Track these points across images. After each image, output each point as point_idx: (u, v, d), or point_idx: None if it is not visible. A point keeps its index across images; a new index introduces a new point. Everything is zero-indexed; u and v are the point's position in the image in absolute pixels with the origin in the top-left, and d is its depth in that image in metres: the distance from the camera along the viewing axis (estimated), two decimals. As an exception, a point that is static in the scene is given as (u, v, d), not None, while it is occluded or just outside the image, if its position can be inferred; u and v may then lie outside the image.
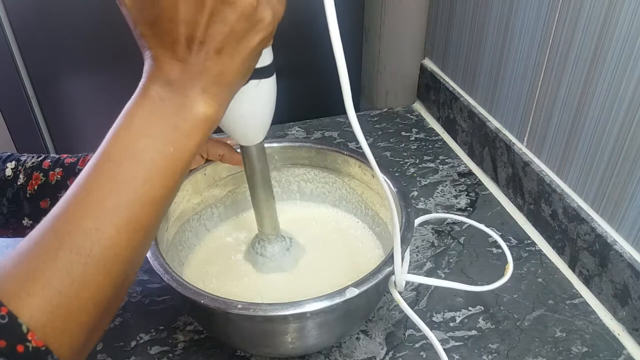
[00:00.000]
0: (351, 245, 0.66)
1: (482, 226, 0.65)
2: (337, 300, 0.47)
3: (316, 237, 0.67)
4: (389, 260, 0.51)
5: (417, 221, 0.63)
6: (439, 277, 0.68)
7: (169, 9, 0.33)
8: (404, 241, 0.52)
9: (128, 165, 0.34)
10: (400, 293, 0.54)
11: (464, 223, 0.77)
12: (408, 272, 0.54)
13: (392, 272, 0.52)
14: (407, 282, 0.54)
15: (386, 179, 0.50)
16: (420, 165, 0.89)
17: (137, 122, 0.35)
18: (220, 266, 0.63)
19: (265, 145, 0.52)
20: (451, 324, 0.63)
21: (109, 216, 0.33)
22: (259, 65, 0.41)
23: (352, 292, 0.48)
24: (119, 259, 0.33)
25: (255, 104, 0.44)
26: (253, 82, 0.42)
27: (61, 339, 0.30)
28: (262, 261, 0.61)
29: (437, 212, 0.78)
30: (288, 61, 0.98)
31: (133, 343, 0.61)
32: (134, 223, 0.34)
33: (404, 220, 0.55)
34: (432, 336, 0.54)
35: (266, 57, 0.42)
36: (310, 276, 0.61)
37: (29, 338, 0.29)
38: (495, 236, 0.63)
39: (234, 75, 0.36)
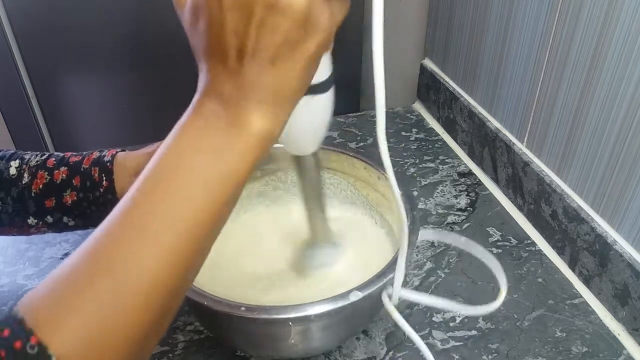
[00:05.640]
0: (358, 246, 0.66)
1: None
2: (341, 303, 0.47)
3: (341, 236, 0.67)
4: (393, 264, 0.51)
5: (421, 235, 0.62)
6: (439, 277, 0.68)
7: (216, 18, 0.31)
8: (409, 245, 0.52)
9: (180, 184, 0.31)
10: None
11: (464, 223, 0.77)
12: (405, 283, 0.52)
13: (390, 283, 0.51)
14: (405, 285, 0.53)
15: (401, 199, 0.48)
16: (420, 165, 0.89)
17: (190, 140, 0.32)
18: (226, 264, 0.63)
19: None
20: (451, 324, 0.63)
21: (152, 247, 0.30)
22: (314, 81, 0.37)
23: (357, 296, 0.48)
24: (161, 291, 0.30)
25: (308, 119, 0.41)
26: (307, 96, 0.38)
27: None
28: (308, 266, 0.61)
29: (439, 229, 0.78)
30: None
31: (133, 343, 0.61)
32: (181, 249, 0.31)
33: (409, 224, 0.55)
34: (425, 349, 0.52)
35: (323, 72, 0.39)
36: (318, 277, 0.61)
37: None
38: (492, 262, 0.58)
39: (291, 86, 0.33)
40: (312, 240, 0.59)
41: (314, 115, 0.41)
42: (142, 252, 0.30)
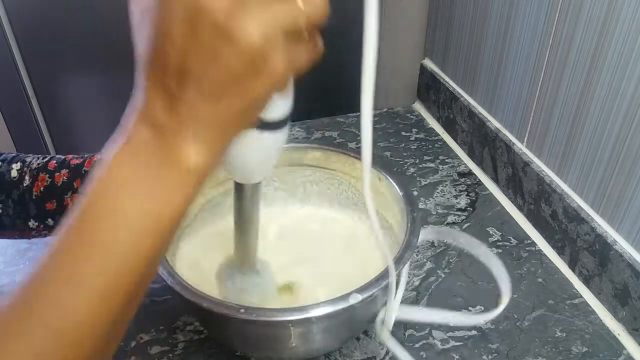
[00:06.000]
0: (358, 247, 0.66)
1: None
2: (341, 306, 0.47)
3: (322, 239, 0.67)
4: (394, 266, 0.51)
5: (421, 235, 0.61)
6: (439, 277, 0.68)
7: (163, 27, 0.27)
8: (409, 247, 0.52)
9: (107, 226, 0.29)
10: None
11: (464, 223, 0.77)
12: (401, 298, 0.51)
13: (380, 317, 0.50)
14: (405, 289, 0.52)
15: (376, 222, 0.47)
16: (420, 165, 0.89)
17: (118, 174, 0.30)
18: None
19: None
20: (451, 324, 0.63)
21: (83, 288, 0.29)
22: (267, 118, 0.34)
23: (356, 298, 0.47)
24: (95, 332, 0.30)
25: (254, 153, 0.37)
26: (256, 131, 0.35)
27: None
28: (229, 288, 0.57)
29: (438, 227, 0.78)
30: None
31: (133, 343, 0.61)
32: (113, 292, 0.30)
33: (409, 225, 0.55)
34: None
35: (278, 110, 0.35)
36: (317, 279, 0.61)
37: None
38: (495, 267, 0.57)
39: (231, 122, 0.30)
40: (235, 261, 0.55)
41: (261, 151, 0.37)
42: (69, 295, 0.29)
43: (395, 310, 0.50)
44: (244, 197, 0.44)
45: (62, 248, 0.30)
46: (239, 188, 0.44)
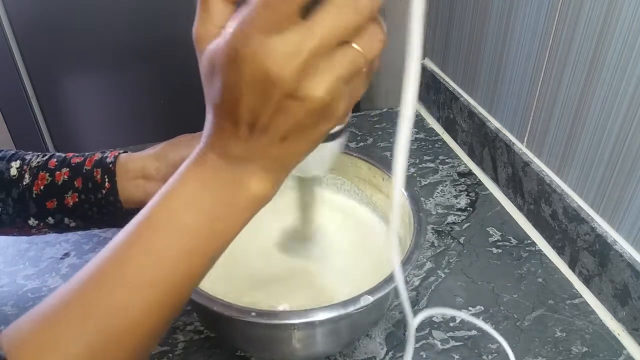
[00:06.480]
0: (363, 247, 0.66)
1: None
2: (352, 308, 0.47)
3: (326, 239, 0.66)
4: (402, 267, 0.51)
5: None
6: (439, 277, 0.68)
7: (232, 87, 0.29)
8: (417, 247, 0.52)
9: (170, 237, 0.32)
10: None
11: (464, 223, 0.77)
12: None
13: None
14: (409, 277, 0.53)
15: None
16: (420, 165, 0.89)
17: (188, 191, 0.32)
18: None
19: None
20: (451, 324, 0.63)
21: (141, 292, 0.31)
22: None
23: (367, 300, 0.47)
24: (145, 336, 0.32)
25: (314, 158, 0.40)
26: None
27: None
28: (291, 249, 0.61)
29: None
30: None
31: (133, 343, 0.61)
32: (166, 300, 0.32)
33: (415, 225, 0.55)
34: None
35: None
36: (322, 280, 0.61)
37: None
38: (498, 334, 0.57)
39: (296, 159, 0.33)
40: (298, 231, 0.58)
41: (321, 156, 0.41)
42: (126, 300, 0.31)
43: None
44: (302, 186, 0.50)
45: (122, 250, 0.32)
46: (299, 180, 0.49)
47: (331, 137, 0.39)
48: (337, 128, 0.39)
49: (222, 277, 0.60)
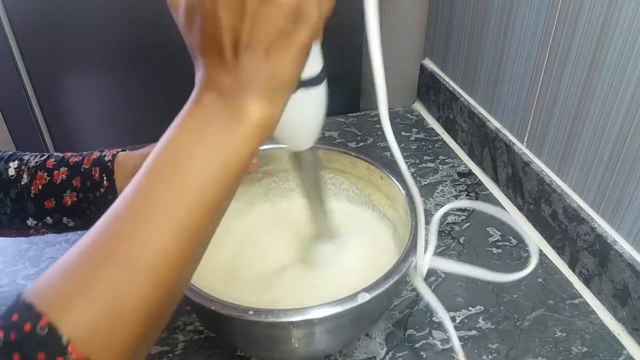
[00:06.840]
0: (361, 247, 0.66)
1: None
2: (349, 305, 0.47)
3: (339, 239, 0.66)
4: (400, 264, 0.51)
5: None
6: (439, 277, 0.68)
7: (210, 16, 0.32)
8: (421, 229, 0.52)
9: (182, 172, 0.33)
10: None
11: (464, 223, 0.77)
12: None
13: (413, 264, 0.52)
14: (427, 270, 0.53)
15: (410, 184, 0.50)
16: (420, 165, 0.89)
17: (191, 130, 0.34)
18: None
19: (272, 146, 0.52)
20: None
21: (160, 224, 0.32)
22: (306, 75, 0.39)
23: (364, 297, 0.47)
24: (170, 269, 0.32)
25: (303, 113, 0.43)
26: (300, 91, 0.40)
27: (104, 352, 0.29)
28: (311, 263, 0.61)
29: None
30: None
31: (133, 343, 0.61)
32: (186, 231, 0.32)
33: (413, 224, 0.55)
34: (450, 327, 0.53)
35: (314, 66, 0.40)
36: (322, 278, 0.61)
37: (69, 350, 0.28)
38: (527, 235, 0.57)
39: (285, 75, 0.34)
40: (315, 235, 0.59)
41: (308, 109, 0.43)
42: (150, 231, 0.31)
43: (428, 257, 0.52)
44: (304, 164, 0.50)
45: (137, 191, 0.33)
46: (298, 158, 0.50)
47: (312, 83, 0.41)
48: (314, 72, 0.40)
49: (223, 278, 0.61)
